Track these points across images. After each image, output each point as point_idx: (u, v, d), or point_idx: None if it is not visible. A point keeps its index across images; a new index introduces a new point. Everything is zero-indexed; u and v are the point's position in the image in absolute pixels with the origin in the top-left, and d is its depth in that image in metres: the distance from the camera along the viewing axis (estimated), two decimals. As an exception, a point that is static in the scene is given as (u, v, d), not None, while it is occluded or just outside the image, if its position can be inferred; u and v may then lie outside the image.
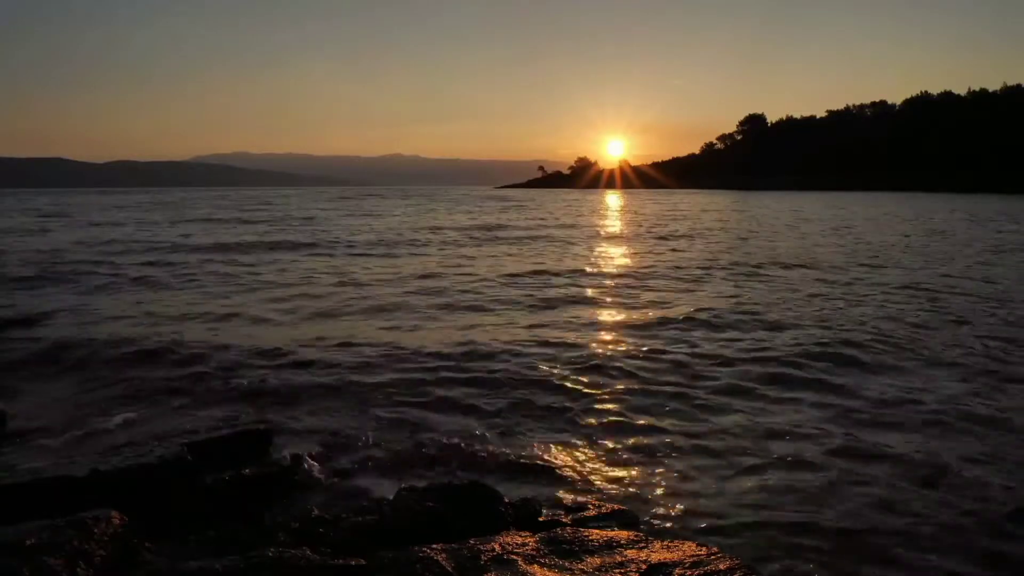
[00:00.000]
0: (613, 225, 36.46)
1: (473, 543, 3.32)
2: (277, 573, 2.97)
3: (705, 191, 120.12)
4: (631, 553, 3.25)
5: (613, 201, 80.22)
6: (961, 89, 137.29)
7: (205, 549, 3.60)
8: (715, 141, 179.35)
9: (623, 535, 3.47)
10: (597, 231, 31.61)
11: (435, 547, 3.24)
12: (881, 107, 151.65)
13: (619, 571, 3.09)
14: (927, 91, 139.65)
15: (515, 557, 3.20)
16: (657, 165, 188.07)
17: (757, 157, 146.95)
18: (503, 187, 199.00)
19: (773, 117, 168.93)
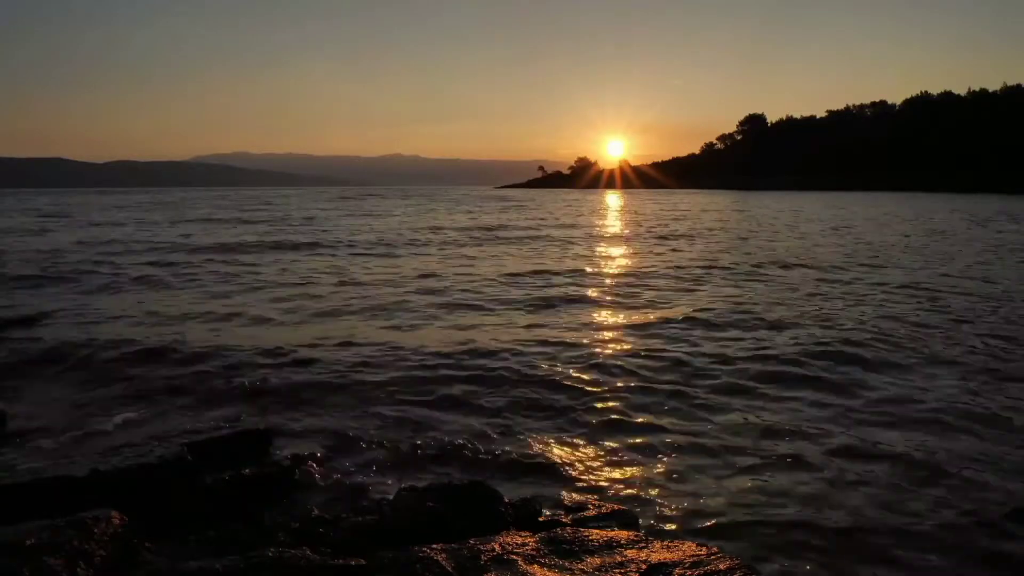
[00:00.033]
0: (613, 225, 36.46)
1: (473, 543, 3.32)
2: (277, 573, 2.97)
3: (705, 191, 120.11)
4: (631, 553, 3.25)
5: (613, 201, 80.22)
6: (961, 89, 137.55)
7: (205, 549, 3.60)
8: (715, 141, 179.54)
9: (623, 535, 3.47)
10: (597, 231, 31.61)
11: (435, 547, 3.24)
12: (881, 107, 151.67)
13: (619, 571, 3.09)
14: (927, 91, 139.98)
15: (515, 557, 3.20)
16: (657, 165, 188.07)
17: (757, 157, 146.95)
18: (503, 187, 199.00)
19: (773, 117, 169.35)
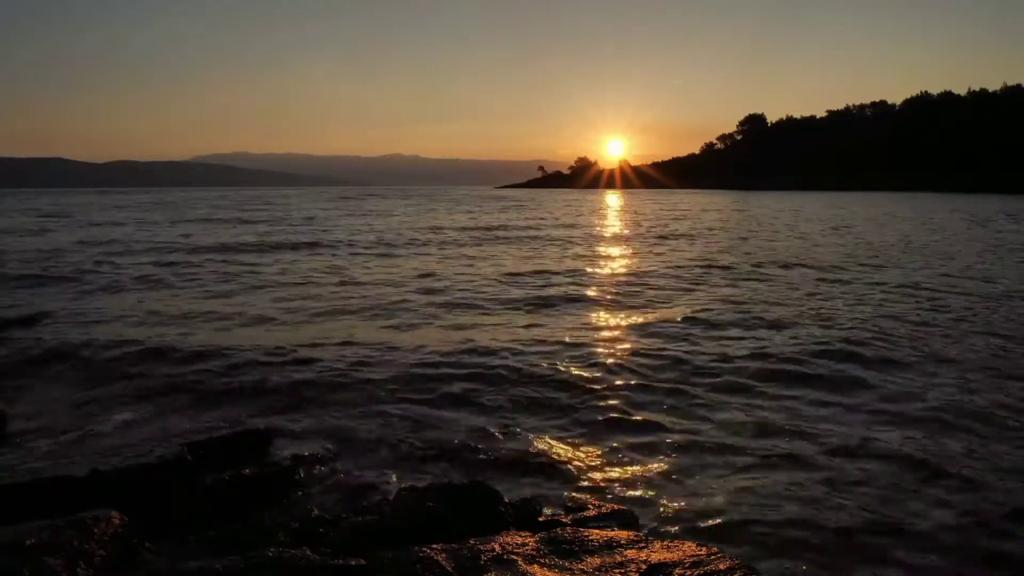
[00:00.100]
0: (613, 225, 36.46)
1: (473, 543, 3.32)
2: (277, 573, 2.97)
3: (705, 191, 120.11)
4: (631, 553, 3.25)
5: (613, 201, 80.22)
6: (961, 89, 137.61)
7: (205, 549, 3.61)
8: (715, 141, 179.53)
9: (623, 535, 3.47)
10: (597, 231, 31.61)
11: (435, 547, 3.24)
12: (881, 107, 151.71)
13: (619, 571, 3.09)
14: (927, 91, 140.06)
15: (515, 557, 3.20)
16: (657, 165, 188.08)
17: (757, 157, 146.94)
18: (503, 187, 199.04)
19: (773, 117, 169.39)
